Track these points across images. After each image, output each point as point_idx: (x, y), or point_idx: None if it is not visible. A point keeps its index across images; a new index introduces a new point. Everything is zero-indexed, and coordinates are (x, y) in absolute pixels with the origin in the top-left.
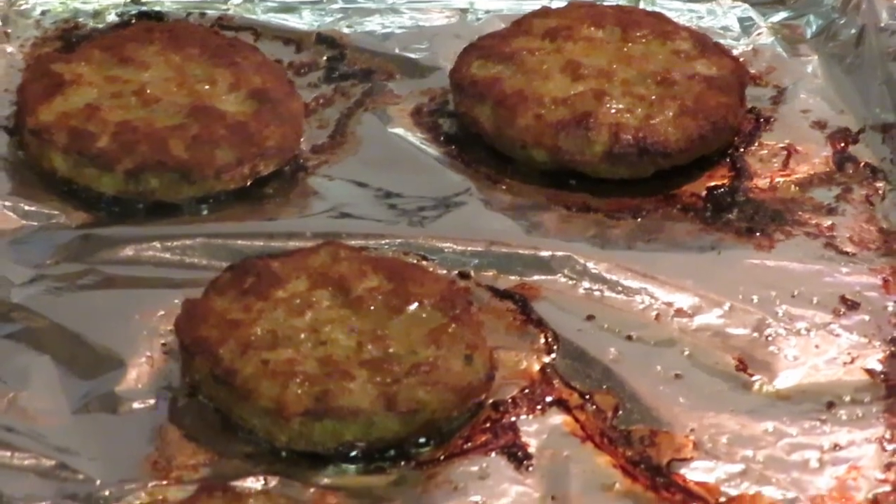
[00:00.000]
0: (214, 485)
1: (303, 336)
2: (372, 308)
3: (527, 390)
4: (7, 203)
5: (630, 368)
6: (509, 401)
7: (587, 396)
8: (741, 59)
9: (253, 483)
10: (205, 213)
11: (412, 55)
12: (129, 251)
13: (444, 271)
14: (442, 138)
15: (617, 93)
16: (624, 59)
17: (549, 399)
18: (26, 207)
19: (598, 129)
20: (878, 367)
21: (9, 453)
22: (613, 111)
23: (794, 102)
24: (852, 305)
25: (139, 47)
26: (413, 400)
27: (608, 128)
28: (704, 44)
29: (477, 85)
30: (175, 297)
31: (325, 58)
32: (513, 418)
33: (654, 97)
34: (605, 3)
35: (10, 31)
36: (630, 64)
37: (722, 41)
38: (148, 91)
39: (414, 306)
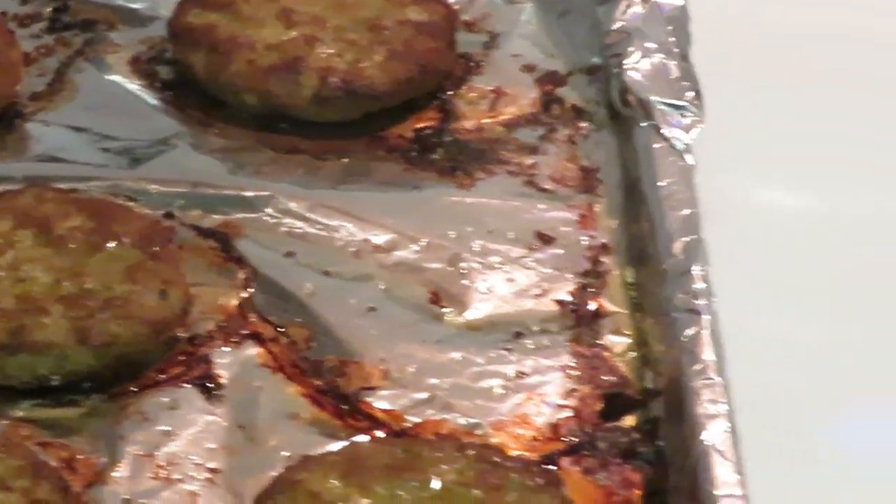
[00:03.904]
0: None
1: (2, 274)
2: (72, 246)
3: (223, 324)
4: None
5: (325, 302)
6: (205, 334)
7: (281, 329)
8: (455, 6)
9: None
10: None
11: (134, 5)
12: None
13: (150, 211)
14: (159, 85)
15: (328, 38)
16: (337, 7)
17: (244, 332)
18: None
19: (307, 73)
20: (569, 299)
21: None
22: (323, 56)
23: (507, 47)
24: (547, 240)
25: None
26: (106, 333)
27: (317, 72)
28: None
29: (192, 32)
30: None
31: (49, 9)
32: (207, 351)
33: (364, 42)
34: None
35: None
36: (343, 11)
37: None
38: None
39: (113, 244)
